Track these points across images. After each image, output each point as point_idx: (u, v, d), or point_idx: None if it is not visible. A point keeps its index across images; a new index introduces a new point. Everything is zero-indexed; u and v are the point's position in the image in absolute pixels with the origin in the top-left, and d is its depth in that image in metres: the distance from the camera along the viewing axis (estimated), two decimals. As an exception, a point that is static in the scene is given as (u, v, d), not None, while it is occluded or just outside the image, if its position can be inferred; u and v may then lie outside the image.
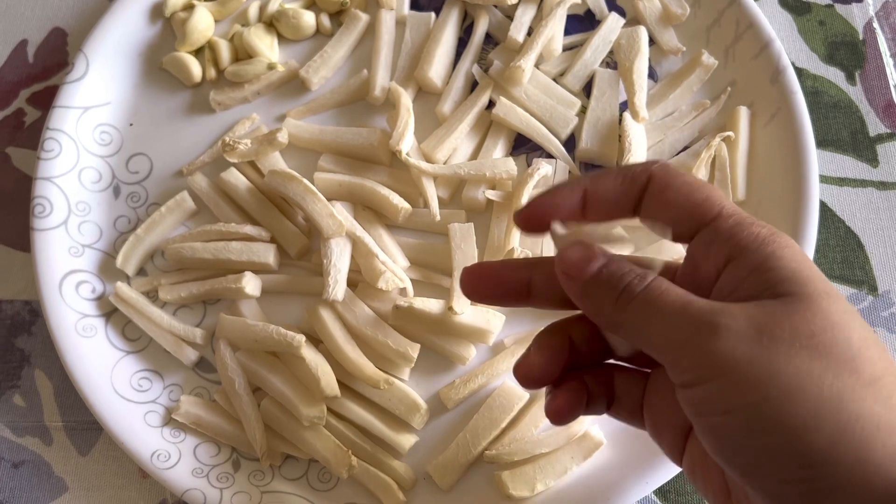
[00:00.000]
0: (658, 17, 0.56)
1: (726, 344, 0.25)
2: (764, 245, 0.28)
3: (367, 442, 0.46)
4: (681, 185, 0.30)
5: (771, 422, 0.24)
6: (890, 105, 0.55)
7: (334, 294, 0.47)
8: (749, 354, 0.25)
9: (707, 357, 0.25)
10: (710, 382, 0.25)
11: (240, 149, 0.51)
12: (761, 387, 0.24)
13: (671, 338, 0.27)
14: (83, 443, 0.49)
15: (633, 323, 0.28)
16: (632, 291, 0.28)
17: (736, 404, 0.25)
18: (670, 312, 0.27)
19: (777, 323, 0.25)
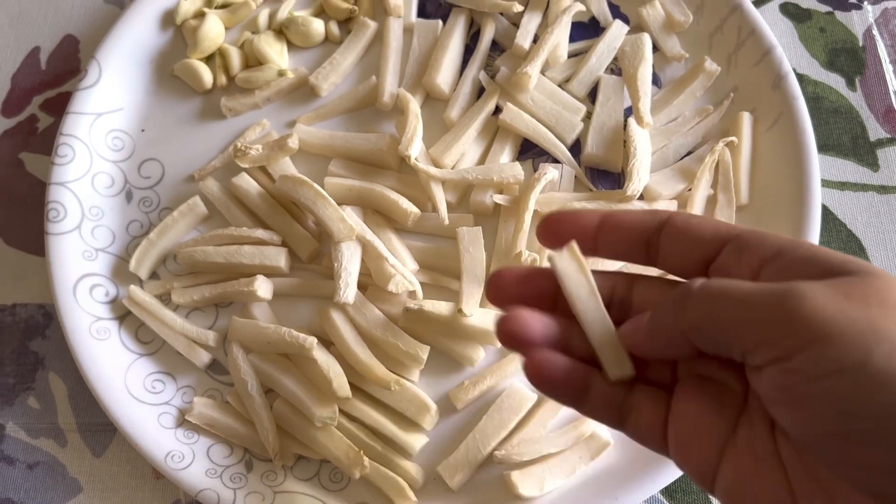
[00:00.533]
0: (661, 24, 0.57)
1: (817, 306, 0.24)
2: (800, 244, 0.28)
3: (378, 442, 0.47)
4: (699, 217, 0.31)
5: (883, 379, 0.23)
6: (890, 110, 0.56)
7: (345, 297, 0.47)
8: (844, 313, 0.24)
9: (799, 323, 0.24)
10: (807, 350, 0.24)
11: (251, 154, 0.51)
12: (866, 343, 0.23)
13: (750, 317, 0.25)
14: (97, 444, 0.49)
15: (704, 319, 0.27)
16: (689, 289, 0.27)
17: (841, 365, 0.23)
18: (741, 294, 0.26)
19: (858, 289, 0.25)
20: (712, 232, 0.30)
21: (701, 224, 0.30)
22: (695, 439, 0.29)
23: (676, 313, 0.28)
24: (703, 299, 0.27)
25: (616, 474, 0.45)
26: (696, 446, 0.29)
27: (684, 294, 0.27)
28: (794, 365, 0.24)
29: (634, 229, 0.31)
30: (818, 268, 0.26)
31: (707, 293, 0.27)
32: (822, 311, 0.24)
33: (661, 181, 0.52)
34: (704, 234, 0.30)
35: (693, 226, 0.30)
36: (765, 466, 0.27)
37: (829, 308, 0.24)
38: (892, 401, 0.23)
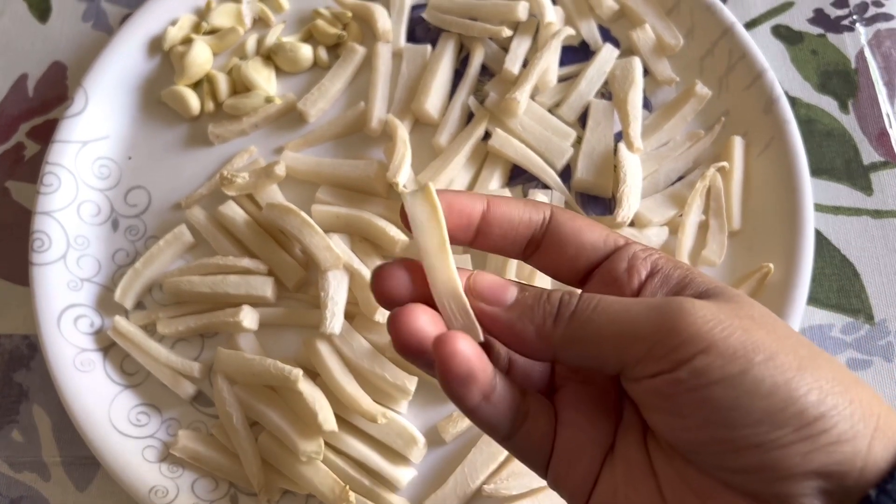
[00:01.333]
0: (652, 48, 0.56)
1: (700, 318, 0.25)
2: (679, 264, 0.29)
3: (365, 476, 0.46)
4: (584, 219, 0.31)
5: (761, 386, 0.24)
6: (883, 133, 0.55)
7: (332, 327, 0.47)
8: (723, 325, 0.25)
9: (684, 335, 0.25)
10: (691, 361, 0.25)
11: (238, 182, 0.51)
12: (746, 353, 0.24)
13: (634, 333, 0.26)
14: (81, 478, 0.49)
15: (581, 336, 0.27)
16: (568, 305, 0.27)
17: (724, 374, 0.24)
18: (623, 310, 0.26)
19: (731, 306, 0.26)
20: (601, 239, 0.30)
21: (591, 228, 0.30)
22: (581, 451, 0.29)
23: (551, 328, 0.27)
24: (585, 315, 0.27)
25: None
26: (582, 459, 0.29)
27: (563, 309, 0.27)
28: (677, 376, 0.25)
29: (521, 225, 0.30)
30: (693, 289, 0.28)
31: (587, 310, 0.27)
32: (705, 324, 0.25)
33: (651, 207, 0.51)
34: (593, 240, 0.30)
35: (583, 229, 0.30)
36: (638, 476, 0.28)
37: (710, 321, 0.25)
38: (769, 407, 0.24)
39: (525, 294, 0.28)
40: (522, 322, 0.28)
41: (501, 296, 0.28)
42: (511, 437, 0.29)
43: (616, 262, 0.29)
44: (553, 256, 0.31)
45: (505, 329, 0.28)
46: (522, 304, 0.28)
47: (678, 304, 0.26)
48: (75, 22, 0.61)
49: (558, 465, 0.29)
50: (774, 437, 0.24)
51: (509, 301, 0.28)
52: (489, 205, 0.30)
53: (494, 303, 0.28)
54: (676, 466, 0.27)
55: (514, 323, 0.28)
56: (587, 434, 0.29)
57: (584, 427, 0.29)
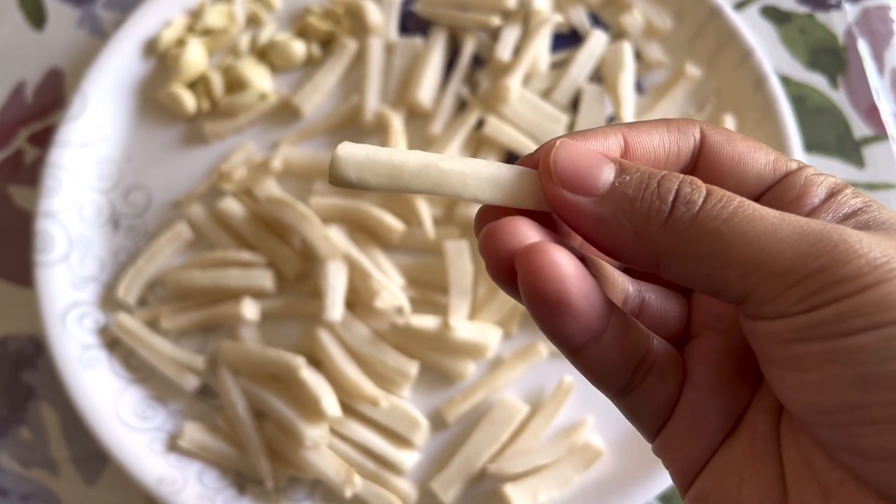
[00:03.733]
0: (641, 31, 0.57)
1: (865, 254, 0.19)
2: (859, 193, 0.23)
3: (370, 460, 0.47)
4: (744, 139, 0.24)
5: None
6: (873, 108, 0.56)
7: (332, 315, 0.47)
8: (893, 265, 0.19)
9: (841, 272, 0.19)
10: (843, 301, 0.19)
11: (235, 178, 0.51)
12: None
13: (776, 262, 0.20)
14: (90, 473, 0.49)
15: (699, 252, 0.20)
16: (691, 203, 0.21)
17: (881, 320, 0.18)
18: (770, 229, 0.20)
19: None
20: (768, 165, 0.24)
21: (754, 152, 0.24)
22: (706, 421, 0.23)
23: (659, 231, 0.21)
24: (711, 226, 0.20)
25: (610, 483, 0.45)
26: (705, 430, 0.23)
27: (679, 207, 0.21)
28: (816, 317, 0.19)
29: (668, 160, 0.24)
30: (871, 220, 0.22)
31: (719, 218, 0.20)
32: (871, 260, 0.19)
33: (645, 187, 0.52)
34: (758, 169, 0.24)
35: (744, 155, 0.24)
36: (759, 454, 0.22)
37: (879, 258, 0.19)
38: None
39: (626, 178, 0.21)
40: (618, 220, 0.21)
41: (592, 179, 0.21)
42: (626, 394, 0.23)
43: (785, 189, 0.23)
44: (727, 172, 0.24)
45: (593, 227, 0.22)
46: (620, 193, 0.21)
47: (840, 233, 0.20)
48: (71, 28, 0.62)
49: (675, 433, 0.24)
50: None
51: (602, 187, 0.21)
52: (626, 142, 0.24)
53: (581, 190, 0.21)
54: (803, 448, 0.21)
55: (606, 221, 0.21)
56: (718, 400, 0.23)
57: (716, 392, 0.23)
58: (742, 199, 0.21)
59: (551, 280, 0.20)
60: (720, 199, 0.20)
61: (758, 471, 0.22)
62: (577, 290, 0.20)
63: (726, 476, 0.23)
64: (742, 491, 0.22)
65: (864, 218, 0.22)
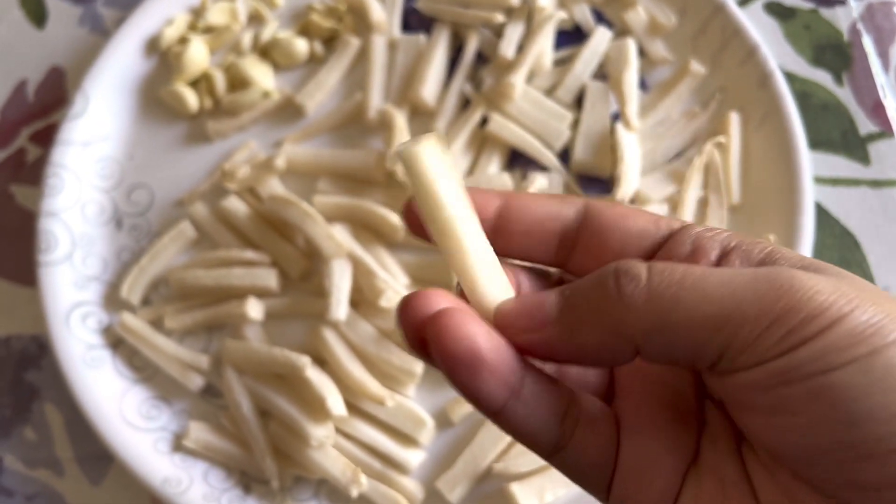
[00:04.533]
0: (645, 28, 0.56)
1: (820, 291, 0.19)
2: (757, 240, 0.23)
3: (376, 459, 0.46)
4: (626, 206, 0.25)
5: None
6: (878, 104, 0.56)
7: (337, 314, 0.47)
8: (849, 298, 0.19)
9: (803, 310, 0.19)
10: (816, 338, 0.19)
11: (239, 176, 0.51)
12: (878, 330, 0.19)
13: (740, 312, 0.19)
14: (95, 473, 0.49)
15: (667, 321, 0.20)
16: (637, 279, 0.20)
17: (849, 357, 0.19)
18: (722, 283, 0.20)
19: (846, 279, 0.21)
20: (651, 224, 0.24)
21: (636, 214, 0.24)
22: (657, 463, 0.23)
23: (621, 312, 0.20)
24: (669, 294, 0.20)
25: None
26: (658, 472, 0.23)
27: (632, 284, 0.20)
28: (790, 361, 0.19)
29: (547, 218, 0.24)
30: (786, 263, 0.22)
31: (672, 285, 0.20)
32: (827, 296, 0.19)
33: (651, 184, 0.52)
34: (642, 226, 0.24)
35: (627, 215, 0.24)
36: (734, 496, 0.22)
37: (833, 293, 0.19)
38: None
39: (573, 289, 0.21)
40: (579, 327, 0.21)
41: (540, 312, 0.21)
42: (559, 450, 0.23)
43: (676, 247, 0.23)
44: (595, 254, 0.24)
45: (564, 351, 0.21)
46: (575, 301, 0.21)
47: (788, 274, 0.20)
48: (72, 27, 0.61)
49: (626, 482, 0.23)
50: None
51: (552, 312, 0.21)
52: (507, 199, 0.24)
53: (535, 327, 0.21)
54: (782, 485, 0.21)
55: (573, 335, 0.21)
56: (662, 442, 0.23)
57: (658, 434, 0.23)
58: (687, 266, 0.21)
59: (461, 338, 0.20)
60: (666, 269, 0.21)
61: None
62: (487, 345, 0.21)
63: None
64: None
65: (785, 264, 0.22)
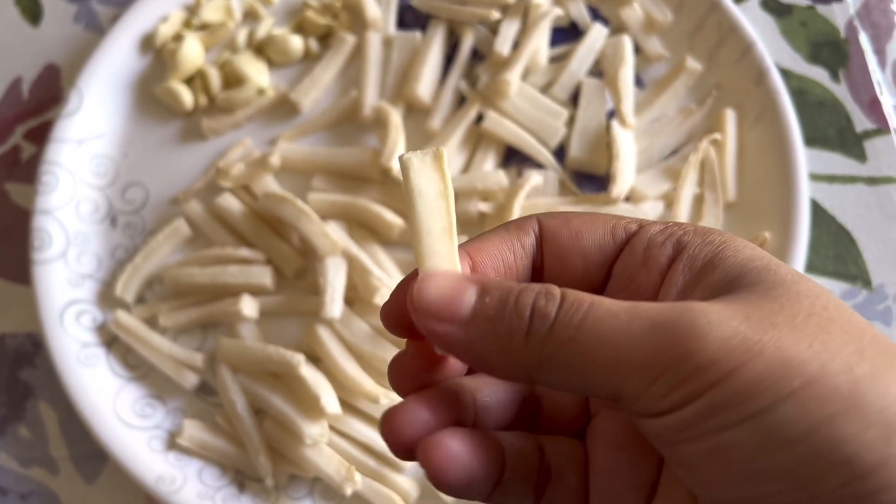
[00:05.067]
0: (641, 25, 0.56)
1: (717, 338, 0.19)
2: (708, 238, 0.23)
3: (371, 457, 0.46)
4: (580, 216, 0.25)
5: (791, 430, 0.18)
6: (875, 101, 0.55)
7: (331, 312, 0.47)
8: (750, 344, 0.19)
9: (694, 362, 0.19)
10: (706, 394, 0.19)
11: (233, 174, 0.51)
12: (777, 380, 0.18)
13: (631, 360, 0.20)
14: (89, 471, 0.49)
15: (562, 357, 0.21)
16: (545, 316, 0.21)
17: (742, 414, 0.19)
18: (619, 329, 0.20)
19: (763, 306, 0.20)
20: (606, 234, 0.25)
21: (591, 226, 0.25)
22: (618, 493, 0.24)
23: (521, 347, 0.21)
24: (567, 332, 0.20)
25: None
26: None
27: (536, 322, 0.21)
28: (688, 415, 0.19)
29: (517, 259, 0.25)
30: (723, 275, 0.22)
31: (570, 323, 0.21)
32: (723, 344, 0.19)
33: (646, 181, 0.52)
34: (597, 239, 0.25)
35: (581, 232, 0.25)
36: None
37: (732, 338, 0.19)
38: (802, 454, 0.18)
39: (486, 300, 0.22)
40: (483, 342, 0.22)
41: (455, 307, 0.22)
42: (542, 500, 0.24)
43: (631, 257, 0.24)
44: (561, 274, 0.25)
45: (464, 351, 0.22)
46: (483, 317, 0.22)
47: (689, 317, 0.20)
48: (67, 24, 0.61)
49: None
50: (811, 495, 0.18)
51: (465, 313, 0.22)
52: (473, 261, 0.24)
53: (446, 318, 0.22)
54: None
55: (473, 344, 0.22)
56: (625, 479, 0.24)
57: (622, 471, 0.24)
58: (593, 301, 0.21)
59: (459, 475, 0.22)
60: (571, 305, 0.21)
61: None
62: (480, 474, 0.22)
63: None
64: None
65: (720, 273, 0.22)
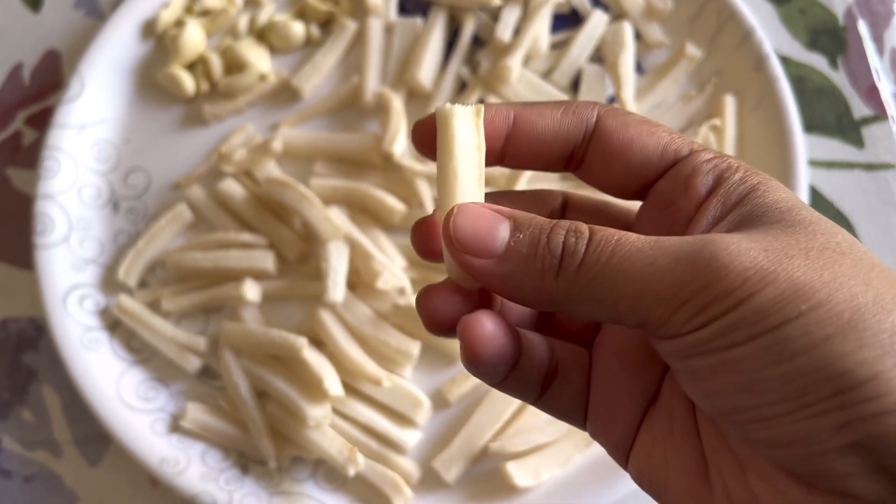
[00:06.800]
0: (641, 11, 0.57)
1: (736, 268, 0.21)
2: (748, 175, 0.24)
3: (373, 439, 0.47)
4: (640, 123, 0.25)
5: (803, 340, 0.20)
6: (873, 88, 0.56)
7: (334, 296, 0.47)
8: (766, 273, 0.20)
9: (715, 290, 0.21)
10: (723, 317, 0.21)
11: (235, 159, 0.51)
12: (786, 305, 0.20)
13: (657, 292, 0.21)
14: (93, 454, 0.49)
15: (590, 294, 0.22)
16: (575, 253, 0.22)
17: (752, 332, 0.20)
18: (646, 264, 0.21)
19: (780, 239, 0.22)
20: (656, 151, 0.25)
21: (644, 138, 0.25)
22: (618, 406, 0.26)
23: (553, 283, 0.23)
24: (595, 267, 0.22)
25: (611, 461, 0.45)
26: (619, 414, 0.26)
27: (566, 259, 0.22)
28: (700, 336, 0.21)
29: (555, 142, 0.26)
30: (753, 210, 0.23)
31: (599, 258, 0.22)
32: (741, 273, 0.21)
33: (646, 167, 0.52)
34: (646, 155, 0.25)
35: (632, 142, 0.25)
36: (679, 433, 0.25)
37: (749, 268, 0.21)
38: (798, 368, 0.20)
39: (520, 237, 0.23)
40: (516, 277, 0.23)
41: (489, 242, 0.23)
42: (541, 399, 0.27)
43: (674, 180, 0.25)
44: (599, 173, 0.26)
45: (498, 284, 0.24)
46: (516, 253, 0.23)
47: (711, 250, 0.21)
48: (68, 10, 0.61)
49: (595, 420, 0.27)
50: (802, 404, 0.20)
51: (499, 248, 0.23)
52: (516, 119, 0.25)
53: (481, 253, 0.23)
54: (719, 428, 0.24)
55: (507, 278, 0.23)
56: (625, 387, 0.26)
57: (622, 379, 0.26)
58: (620, 238, 0.22)
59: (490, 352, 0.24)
60: (599, 242, 0.22)
61: (679, 449, 0.24)
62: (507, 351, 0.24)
63: (653, 454, 0.25)
64: (668, 467, 0.25)
65: (748, 208, 0.23)
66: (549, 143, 0.26)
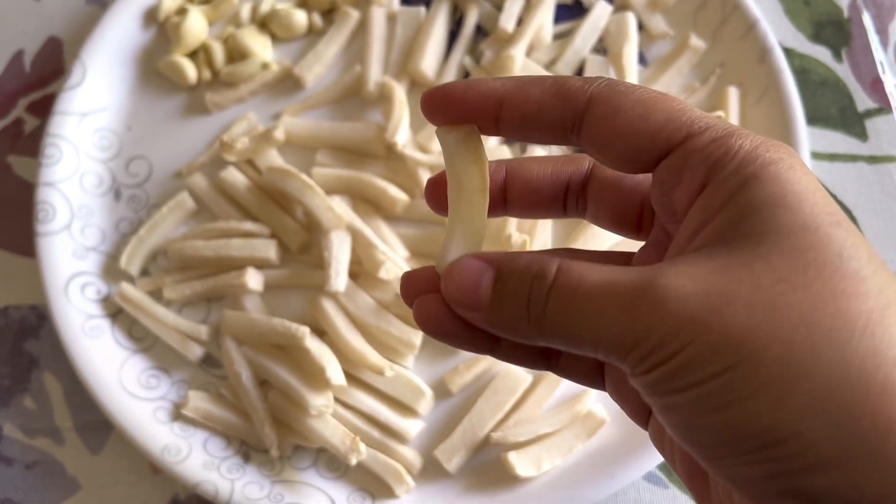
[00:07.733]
0: (645, 2, 0.56)
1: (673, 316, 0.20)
2: (745, 163, 0.22)
3: (375, 428, 0.47)
4: (633, 105, 0.23)
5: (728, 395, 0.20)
6: (877, 80, 0.56)
7: (336, 285, 0.47)
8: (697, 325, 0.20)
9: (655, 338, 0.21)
10: (663, 365, 0.21)
11: (237, 147, 0.51)
12: (714, 360, 0.20)
13: (608, 337, 0.22)
14: (94, 442, 0.49)
15: (560, 326, 0.22)
16: (542, 289, 0.23)
17: (687, 383, 0.20)
18: (597, 308, 0.22)
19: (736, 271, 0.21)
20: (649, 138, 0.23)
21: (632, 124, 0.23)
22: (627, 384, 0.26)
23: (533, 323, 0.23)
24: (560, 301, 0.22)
25: (612, 452, 0.45)
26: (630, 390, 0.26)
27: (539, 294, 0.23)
28: (645, 381, 0.22)
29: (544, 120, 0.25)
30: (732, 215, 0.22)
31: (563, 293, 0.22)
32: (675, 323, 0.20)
33: (649, 159, 0.52)
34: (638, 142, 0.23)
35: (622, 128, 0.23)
36: None
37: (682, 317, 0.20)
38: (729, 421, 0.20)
39: (504, 278, 0.23)
40: (504, 323, 0.23)
41: (475, 298, 0.24)
42: (554, 367, 0.28)
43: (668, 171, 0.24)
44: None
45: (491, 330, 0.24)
46: (497, 304, 0.23)
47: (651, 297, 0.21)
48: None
49: (612, 382, 0.27)
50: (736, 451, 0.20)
51: (484, 301, 0.23)
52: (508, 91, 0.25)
53: (470, 307, 0.24)
54: None
55: (495, 324, 0.24)
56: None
57: None
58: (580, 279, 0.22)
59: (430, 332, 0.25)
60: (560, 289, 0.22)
61: None
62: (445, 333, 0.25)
63: None
64: None
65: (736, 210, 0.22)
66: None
